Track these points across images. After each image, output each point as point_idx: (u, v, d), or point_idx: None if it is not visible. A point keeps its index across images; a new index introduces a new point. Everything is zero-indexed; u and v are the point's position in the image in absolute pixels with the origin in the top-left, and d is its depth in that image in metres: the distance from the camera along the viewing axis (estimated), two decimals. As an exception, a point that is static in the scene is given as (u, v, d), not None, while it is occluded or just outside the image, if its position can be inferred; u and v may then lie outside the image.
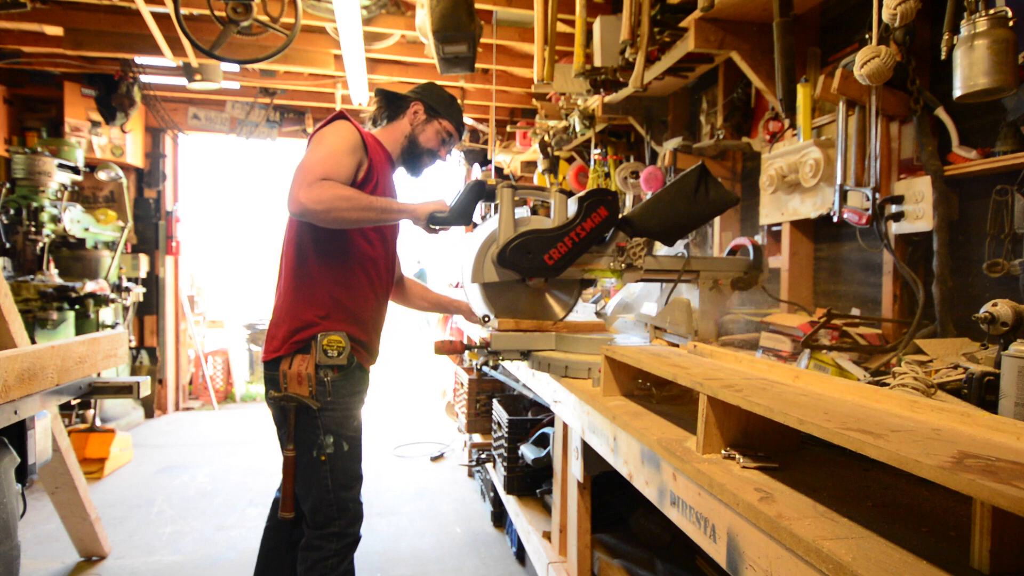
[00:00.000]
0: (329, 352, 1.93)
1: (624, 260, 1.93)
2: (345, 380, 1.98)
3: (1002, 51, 1.33)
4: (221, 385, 7.18)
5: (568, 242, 1.89)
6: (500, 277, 1.94)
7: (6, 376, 1.91)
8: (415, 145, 2.16)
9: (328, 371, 1.94)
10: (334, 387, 1.95)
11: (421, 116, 2.17)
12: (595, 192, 1.92)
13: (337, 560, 1.95)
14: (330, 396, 1.94)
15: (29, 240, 4.52)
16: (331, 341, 1.93)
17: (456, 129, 2.23)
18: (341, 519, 1.96)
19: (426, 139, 2.17)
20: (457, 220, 1.94)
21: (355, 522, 2.01)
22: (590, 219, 1.90)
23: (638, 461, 1.40)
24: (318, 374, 1.93)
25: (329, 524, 1.95)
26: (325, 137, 1.91)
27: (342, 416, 1.97)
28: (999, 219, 1.58)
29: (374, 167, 1.99)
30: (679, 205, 1.94)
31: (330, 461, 1.94)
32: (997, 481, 0.67)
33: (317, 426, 1.94)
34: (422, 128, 2.17)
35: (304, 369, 1.91)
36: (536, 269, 1.89)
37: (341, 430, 1.97)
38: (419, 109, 2.17)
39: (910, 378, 1.28)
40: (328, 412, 1.94)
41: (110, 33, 4.60)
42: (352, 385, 2.00)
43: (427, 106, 2.17)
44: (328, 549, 1.94)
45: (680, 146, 2.85)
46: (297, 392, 1.91)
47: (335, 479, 1.95)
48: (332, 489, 1.95)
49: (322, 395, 1.93)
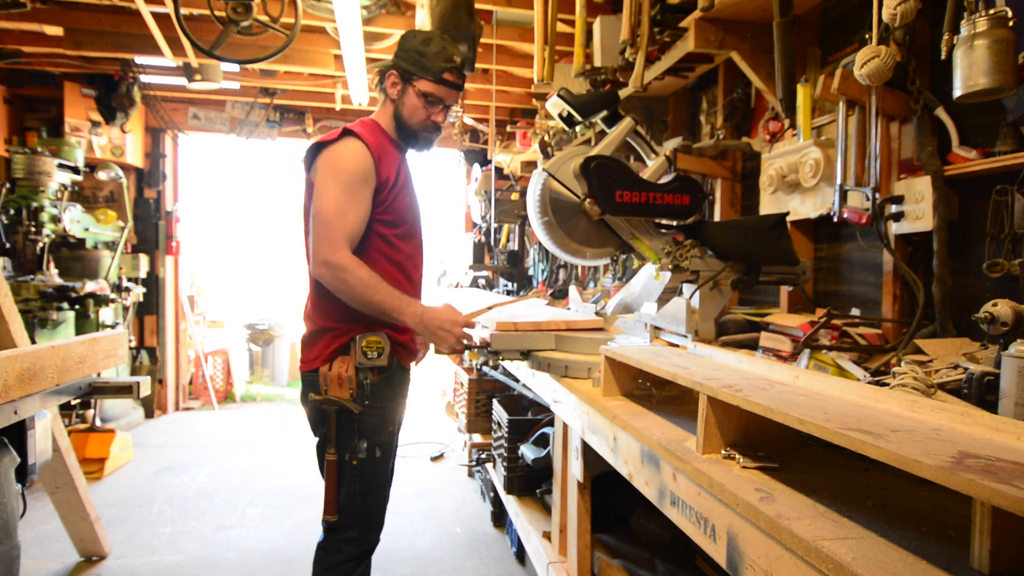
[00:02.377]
0: (369, 353, 1.88)
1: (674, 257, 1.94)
2: (385, 383, 1.93)
3: (1002, 51, 1.32)
4: (221, 385, 7.18)
5: (643, 197, 1.88)
6: (568, 182, 1.92)
7: (6, 376, 1.91)
8: (402, 122, 1.95)
9: (368, 373, 1.89)
10: (373, 391, 1.90)
11: (397, 87, 1.92)
12: (691, 180, 1.95)
13: (354, 564, 1.92)
14: (368, 400, 1.89)
15: (29, 240, 4.52)
16: (370, 342, 1.88)
17: (436, 81, 1.90)
18: (362, 524, 1.93)
19: (409, 112, 1.93)
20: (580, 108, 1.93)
21: (376, 528, 1.98)
22: (673, 195, 1.90)
23: (638, 461, 1.40)
24: (358, 376, 1.88)
25: (350, 528, 1.92)
26: (336, 169, 1.80)
27: (378, 421, 1.93)
28: (999, 219, 1.58)
29: (387, 174, 1.89)
30: (749, 235, 1.94)
31: (361, 466, 1.90)
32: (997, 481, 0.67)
33: (353, 430, 1.89)
34: (402, 101, 1.93)
35: (344, 371, 1.86)
36: (603, 195, 1.86)
37: (375, 435, 1.92)
38: (395, 78, 1.91)
39: (910, 378, 1.28)
40: (365, 416, 1.89)
41: (110, 33, 4.60)
42: (392, 388, 1.96)
43: (400, 71, 1.90)
44: (346, 552, 1.91)
45: (680, 146, 2.85)
46: (337, 395, 1.86)
47: (363, 484, 1.92)
48: (359, 494, 1.91)
49: (361, 398, 1.88)
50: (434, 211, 8.51)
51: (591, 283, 4.36)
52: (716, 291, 1.97)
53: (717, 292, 1.97)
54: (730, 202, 2.91)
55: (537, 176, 2.02)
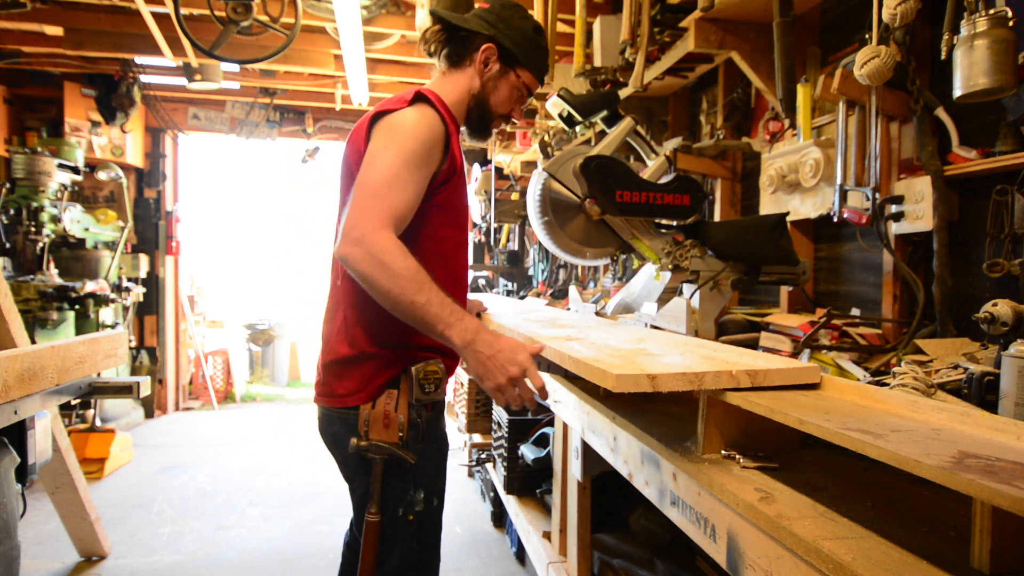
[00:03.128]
0: (426, 387, 1.49)
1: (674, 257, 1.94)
2: (438, 418, 1.60)
3: (1002, 51, 1.32)
4: (221, 385, 7.18)
5: (643, 197, 1.88)
6: (568, 182, 1.93)
7: (6, 376, 1.91)
8: (484, 108, 1.62)
9: (422, 410, 1.53)
10: (428, 429, 1.54)
11: (494, 67, 1.58)
12: (691, 180, 1.95)
13: None
14: (423, 442, 1.52)
15: (29, 240, 4.52)
16: (428, 373, 1.49)
17: (540, 79, 1.66)
18: None
19: (499, 100, 1.62)
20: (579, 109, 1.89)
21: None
22: (673, 195, 1.90)
23: (638, 461, 1.40)
24: (410, 414, 1.50)
25: None
26: (401, 134, 1.40)
27: (435, 465, 1.58)
28: (999, 219, 1.58)
29: (454, 157, 1.50)
30: (749, 235, 1.95)
31: (418, 520, 1.52)
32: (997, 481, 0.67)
33: (407, 480, 1.51)
34: (495, 84, 1.60)
35: (393, 409, 1.48)
36: (603, 195, 1.86)
37: (433, 482, 1.57)
38: (491, 55, 1.57)
39: (910, 378, 1.28)
40: (421, 462, 1.51)
41: (110, 33, 4.60)
42: (442, 420, 1.64)
43: (502, 50, 1.57)
44: None
45: (680, 146, 2.85)
46: (383, 439, 1.47)
47: (421, 542, 1.54)
48: (415, 552, 1.54)
49: (414, 440, 1.50)
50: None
51: (591, 283, 4.36)
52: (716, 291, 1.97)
53: (717, 292, 1.97)
54: (730, 202, 2.91)
55: (537, 176, 2.02)
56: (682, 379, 1.13)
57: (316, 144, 6.38)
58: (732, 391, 1.14)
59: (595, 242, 2.04)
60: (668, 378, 1.12)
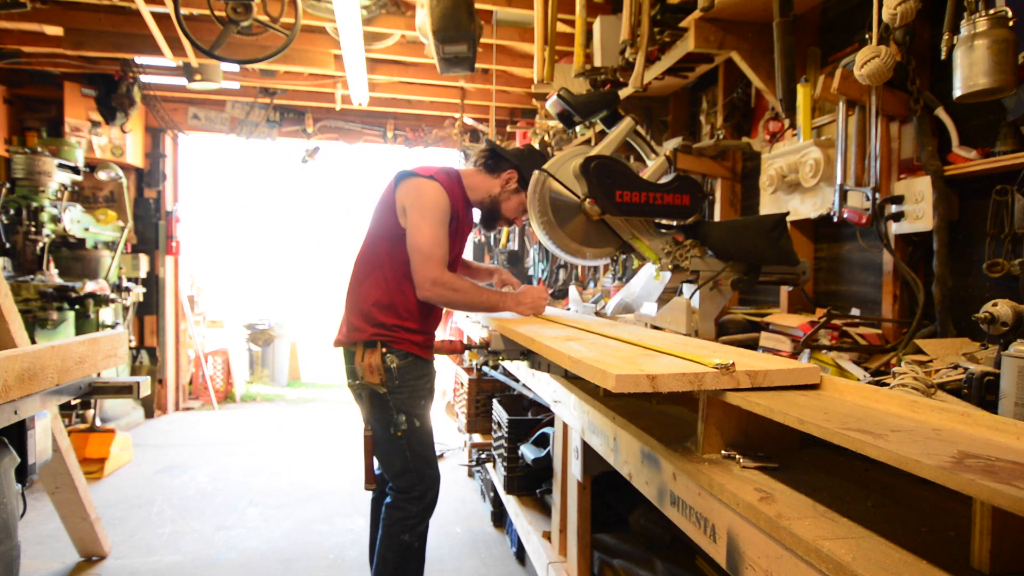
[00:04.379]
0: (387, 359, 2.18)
1: (673, 257, 1.94)
2: (409, 367, 2.20)
3: (1002, 51, 1.32)
4: (221, 385, 7.18)
5: (643, 197, 1.90)
6: (568, 182, 1.95)
7: (6, 376, 1.91)
8: (496, 210, 2.31)
9: (393, 358, 2.17)
10: (399, 372, 2.17)
11: (512, 186, 2.27)
12: (691, 180, 1.96)
13: (416, 520, 2.20)
14: (397, 380, 2.17)
15: (29, 240, 4.52)
16: (392, 357, 2.17)
17: None
18: (421, 484, 2.21)
19: (508, 208, 2.31)
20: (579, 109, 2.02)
21: (433, 487, 2.24)
22: (673, 195, 1.91)
23: (638, 461, 1.40)
24: (384, 363, 2.16)
25: (411, 489, 2.20)
26: (427, 207, 2.12)
27: (409, 396, 2.19)
28: (999, 219, 1.58)
29: (456, 220, 2.21)
30: (749, 235, 1.95)
31: (405, 436, 2.18)
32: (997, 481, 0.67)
33: (390, 407, 2.17)
34: (508, 196, 2.29)
35: (374, 361, 2.16)
36: (603, 195, 1.88)
37: (410, 409, 2.19)
38: (512, 178, 2.26)
39: (910, 378, 1.28)
40: (397, 394, 2.17)
41: (110, 33, 4.60)
42: (416, 370, 2.21)
43: (521, 177, 2.24)
44: (409, 510, 2.19)
45: (680, 146, 2.85)
46: (369, 380, 2.17)
47: (412, 450, 2.19)
48: (410, 459, 2.19)
49: (390, 381, 2.16)
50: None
51: (591, 283, 4.36)
52: (716, 291, 1.97)
53: (717, 292, 1.97)
54: (730, 202, 2.91)
55: (537, 176, 2.02)
56: (682, 379, 1.14)
57: (316, 144, 6.38)
58: (732, 391, 1.14)
59: (595, 242, 2.04)
60: (668, 378, 1.13)
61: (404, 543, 2.18)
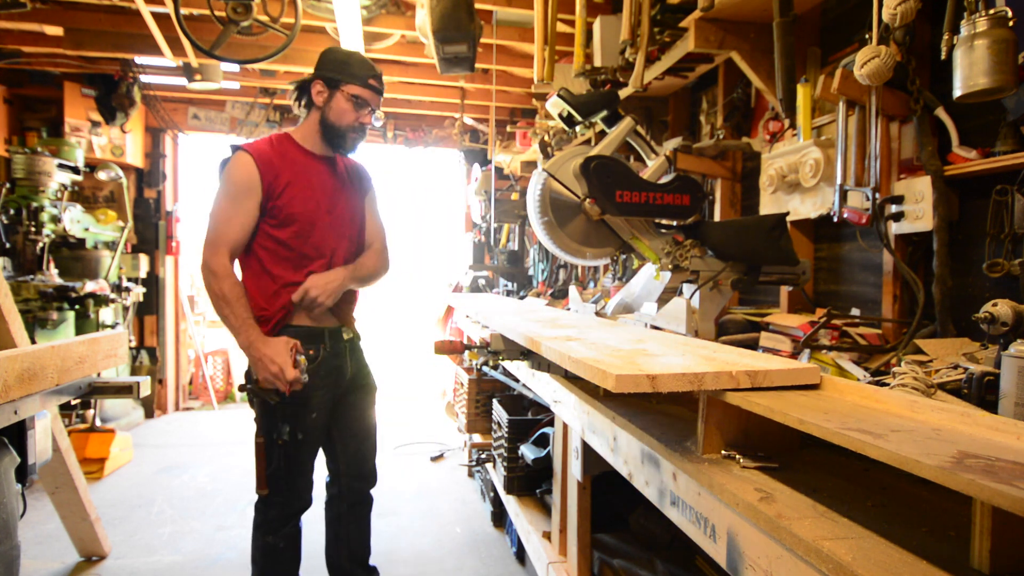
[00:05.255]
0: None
1: (673, 257, 1.94)
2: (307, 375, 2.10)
3: (1002, 51, 1.32)
4: (221, 385, 7.18)
5: (643, 197, 1.90)
6: (568, 182, 1.94)
7: (6, 376, 1.91)
8: (329, 125, 2.12)
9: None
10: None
11: (324, 93, 2.11)
12: (691, 180, 1.96)
13: (280, 524, 2.22)
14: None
15: (29, 240, 4.51)
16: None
17: (363, 86, 2.12)
18: (288, 492, 2.22)
19: (337, 114, 2.11)
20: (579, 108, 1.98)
21: (299, 497, 2.27)
22: (673, 195, 1.91)
23: (638, 461, 1.40)
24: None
25: (277, 494, 2.20)
26: (224, 180, 2.06)
27: (298, 409, 2.13)
28: (999, 219, 1.58)
29: (277, 184, 2.07)
30: (749, 236, 1.95)
31: (285, 446, 2.13)
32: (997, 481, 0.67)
33: (276, 415, 2.11)
34: (329, 106, 2.11)
35: None
36: (603, 194, 1.87)
37: (296, 421, 2.13)
38: (320, 86, 2.11)
39: (910, 378, 1.28)
40: (284, 406, 2.10)
41: (110, 33, 4.60)
42: (313, 379, 2.12)
43: (325, 79, 2.10)
44: (271, 515, 2.22)
45: (680, 146, 2.85)
46: (259, 386, 2.09)
47: (287, 461, 2.15)
48: (283, 468, 2.15)
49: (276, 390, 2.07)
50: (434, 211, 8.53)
51: (591, 283, 4.36)
52: (716, 291, 1.97)
53: (717, 292, 1.97)
54: (730, 202, 2.91)
55: (537, 176, 2.02)
56: (682, 379, 1.14)
57: (316, 144, 6.37)
58: (732, 391, 1.14)
59: (595, 242, 2.04)
60: (668, 378, 1.13)
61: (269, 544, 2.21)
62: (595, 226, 1.99)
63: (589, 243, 2.04)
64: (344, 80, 2.10)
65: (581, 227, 2.01)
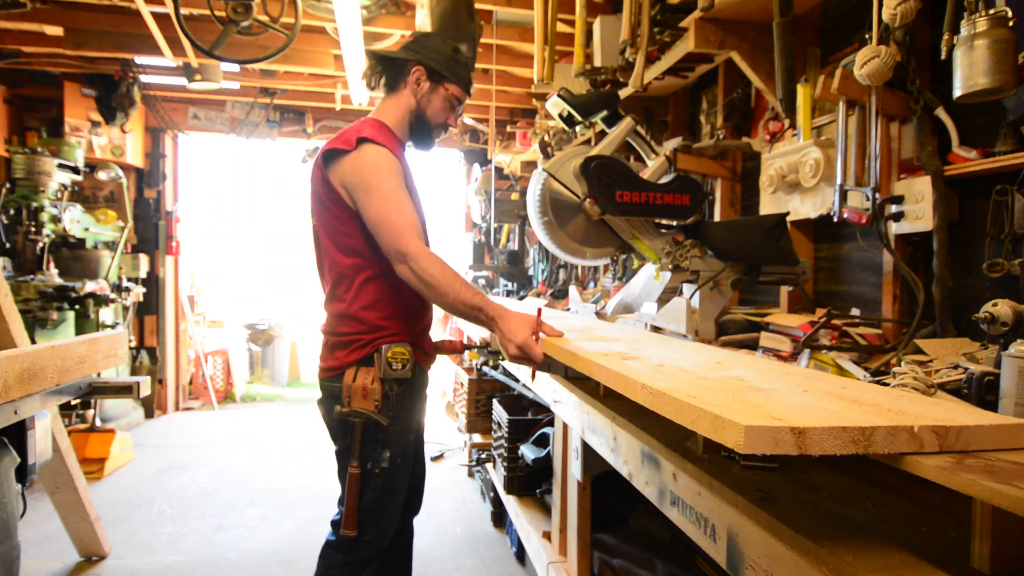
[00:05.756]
0: (394, 365, 1.83)
1: (674, 256, 1.94)
2: (408, 392, 1.90)
3: (1002, 51, 1.32)
4: (221, 385, 7.18)
5: (643, 197, 1.88)
6: (568, 182, 1.93)
7: (6, 376, 1.91)
8: (423, 121, 1.95)
9: (393, 384, 1.85)
10: (398, 401, 1.86)
11: (424, 84, 1.91)
12: (691, 180, 1.96)
13: (361, 566, 1.90)
14: (393, 411, 1.85)
15: (29, 240, 4.52)
16: (395, 353, 1.83)
17: (465, 90, 1.99)
18: (376, 528, 1.90)
19: (434, 111, 1.94)
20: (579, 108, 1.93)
21: (389, 533, 1.95)
22: (673, 196, 1.91)
23: (638, 461, 1.40)
24: (384, 388, 1.83)
25: (365, 531, 1.88)
26: (374, 174, 1.76)
27: (401, 430, 1.89)
28: (999, 219, 1.58)
29: (411, 190, 1.88)
30: (749, 236, 1.94)
31: (383, 474, 1.87)
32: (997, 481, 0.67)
33: (376, 440, 1.84)
34: (428, 99, 1.93)
35: (369, 383, 1.81)
36: (604, 195, 1.86)
37: (397, 444, 1.88)
38: (421, 75, 1.90)
39: (910, 378, 1.28)
40: (389, 427, 1.85)
41: (110, 33, 4.60)
42: (414, 395, 1.94)
43: (429, 70, 1.91)
44: (355, 555, 1.89)
45: (680, 146, 2.85)
46: (362, 407, 1.81)
47: (383, 490, 1.88)
48: (377, 499, 1.87)
49: (387, 409, 1.84)
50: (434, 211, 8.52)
51: (591, 283, 4.36)
52: (716, 291, 1.97)
53: (717, 292, 1.98)
54: (730, 202, 2.91)
55: (537, 176, 2.02)
56: (842, 436, 0.81)
57: (316, 144, 6.38)
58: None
59: (595, 242, 2.04)
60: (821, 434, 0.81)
61: None
62: (595, 226, 2.00)
63: (589, 243, 2.04)
64: (449, 78, 1.93)
65: (581, 227, 2.01)
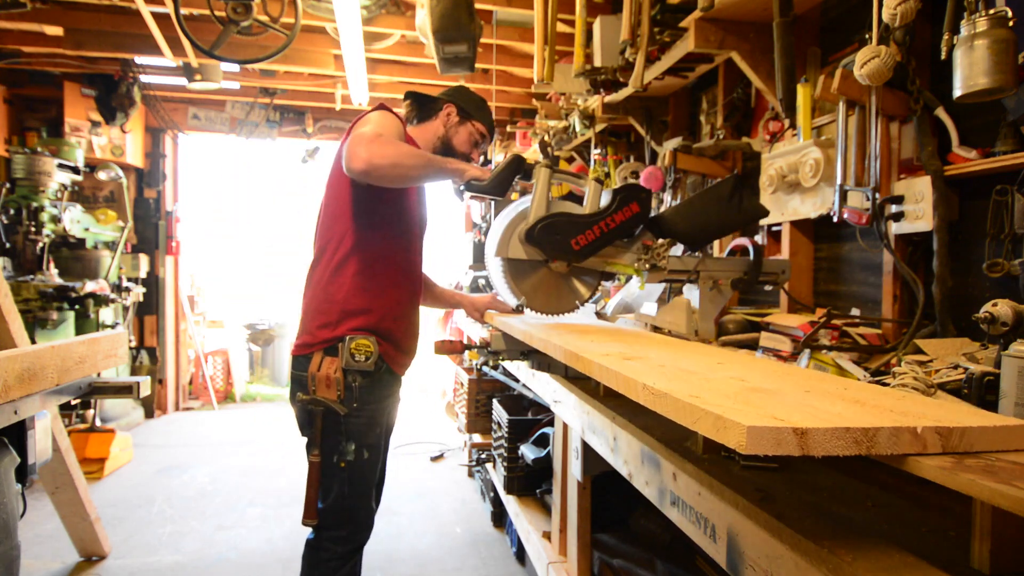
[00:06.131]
0: (356, 356, 1.88)
1: (649, 260, 1.93)
2: (373, 386, 1.94)
3: (1002, 51, 1.32)
4: (221, 385, 7.18)
5: (596, 231, 1.88)
6: (525, 255, 1.93)
7: (6, 376, 1.91)
8: (449, 147, 2.17)
9: (356, 376, 1.90)
10: (361, 393, 1.91)
11: (454, 118, 2.18)
12: (630, 187, 1.93)
13: (340, 562, 1.95)
14: (356, 402, 1.90)
15: (29, 240, 4.52)
16: (359, 345, 1.88)
17: (488, 131, 2.24)
18: (351, 524, 1.96)
19: (460, 141, 2.19)
20: (493, 191, 1.90)
21: (364, 528, 2.01)
22: (621, 212, 1.89)
23: (638, 461, 1.40)
24: (346, 378, 1.89)
25: (339, 528, 1.94)
26: (371, 119, 1.92)
27: (366, 423, 1.94)
28: (999, 219, 1.58)
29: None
30: (711, 211, 1.94)
31: (349, 468, 1.91)
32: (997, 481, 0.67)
33: (340, 432, 1.90)
34: (455, 130, 2.18)
35: (332, 372, 1.88)
36: (561, 251, 1.87)
37: (363, 438, 1.93)
38: (452, 111, 2.18)
39: (910, 378, 1.28)
40: (352, 418, 1.90)
41: (110, 33, 4.60)
42: (380, 391, 1.97)
43: (459, 108, 2.18)
44: (333, 551, 1.94)
45: (680, 146, 2.85)
46: (325, 396, 1.88)
47: (351, 486, 1.93)
48: (347, 496, 1.93)
49: (349, 400, 1.89)
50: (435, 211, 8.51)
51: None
52: (716, 291, 1.97)
53: (717, 292, 1.98)
54: (730, 202, 2.91)
55: (493, 263, 2.01)
56: (844, 437, 0.81)
57: (316, 144, 6.38)
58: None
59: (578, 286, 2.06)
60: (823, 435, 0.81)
61: None
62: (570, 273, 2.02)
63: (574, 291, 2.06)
64: (476, 117, 2.20)
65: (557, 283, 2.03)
